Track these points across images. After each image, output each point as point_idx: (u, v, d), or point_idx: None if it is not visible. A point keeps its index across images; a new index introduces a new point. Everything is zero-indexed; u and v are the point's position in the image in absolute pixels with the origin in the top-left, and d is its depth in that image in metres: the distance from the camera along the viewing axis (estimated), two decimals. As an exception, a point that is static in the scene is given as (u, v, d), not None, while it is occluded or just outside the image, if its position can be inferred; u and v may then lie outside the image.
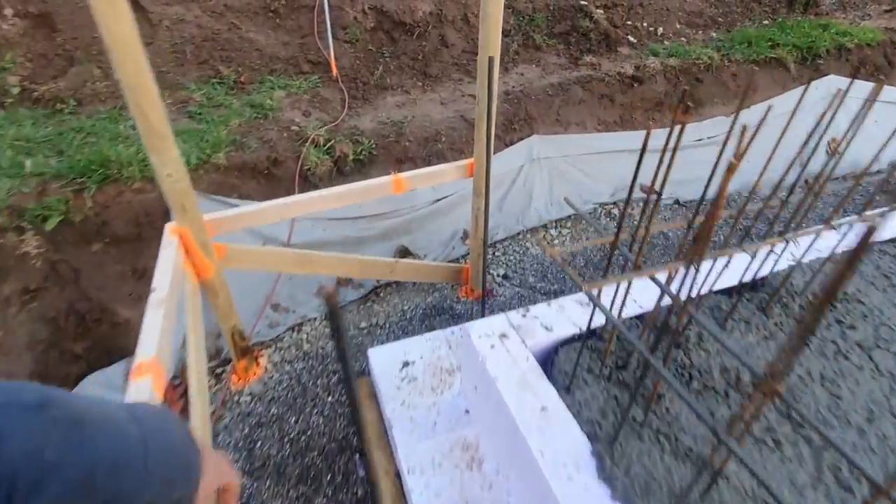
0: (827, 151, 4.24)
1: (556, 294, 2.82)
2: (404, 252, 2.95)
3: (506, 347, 1.58)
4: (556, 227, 3.36)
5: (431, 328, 2.55)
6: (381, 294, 2.79)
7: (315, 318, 2.61)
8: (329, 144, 2.98)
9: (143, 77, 1.42)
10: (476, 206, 2.41)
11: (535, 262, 3.10)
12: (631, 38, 4.40)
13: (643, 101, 3.88)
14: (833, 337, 1.64)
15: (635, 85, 3.86)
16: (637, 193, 3.22)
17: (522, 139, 3.45)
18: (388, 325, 2.56)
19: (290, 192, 2.72)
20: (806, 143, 1.15)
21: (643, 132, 3.80)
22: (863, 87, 4.39)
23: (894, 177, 1.36)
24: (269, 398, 2.20)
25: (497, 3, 1.76)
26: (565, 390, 1.47)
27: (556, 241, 3.28)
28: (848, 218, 1.56)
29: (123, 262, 2.40)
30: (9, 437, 0.35)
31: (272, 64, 3.62)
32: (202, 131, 2.70)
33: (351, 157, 2.98)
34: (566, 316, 1.69)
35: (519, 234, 3.29)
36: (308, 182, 2.83)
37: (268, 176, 2.75)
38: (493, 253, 3.16)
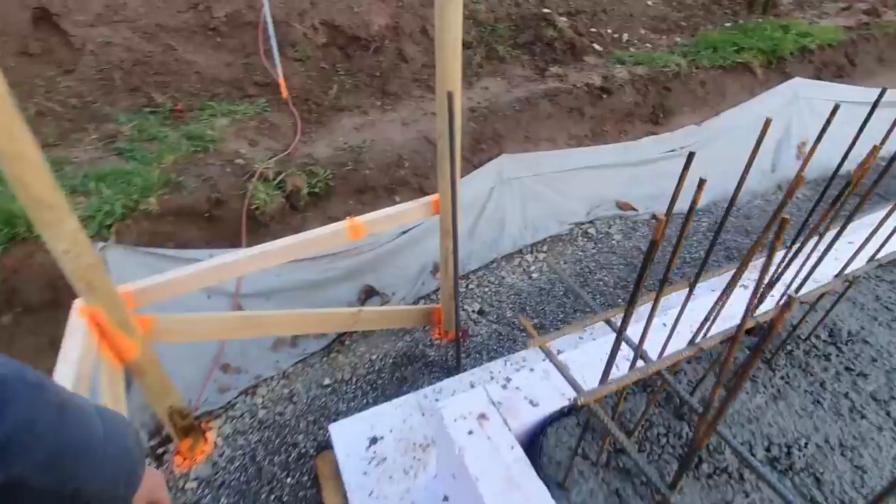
0: (797, 156, 4.20)
1: (536, 329, 2.62)
2: (370, 292, 2.70)
3: (486, 433, 1.35)
4: (531, 252, 3.17)
5: (403, 380, 2.30)
6: (346, 342, 2.53)
7: (273, 377, 2.33)
8: (280, 178, 2.70)
9: (20, 142, 1.13)
10: (444, 247, 2.18)
11: (511, 292, 2.90)
12: (596, 46, 4.27)
13: (613, 113, 3.73)
14: (845, 389, 1.49)
15: (604, 96, 3.72)
16: (613, 210, 2.99)
17: (491, 159, 3.24)
18: (354, 380, 2.30)
19: (236, 236, 2.43)
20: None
21: (615, 146, 3.65)
22: (827, 89, 4.39)
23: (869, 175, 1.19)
24: (219, 483, 1.91)
25: (454, 29, 1.54)
26: (558, 486, 1.25)
27: (532, 268, 3.08)
28: (862, 265, 1.39)
29: (39, 332, 2.06)
30: (13, 403, 0.43)
31: (213, 87, 3.30)
32: (130, 173, 2.38)
33: (305, 190, 2.70)
34: (553, 385, 1.48)
35: (493, 262, 3.08)
36: (257, 222, 2.54)
37: (210, 219, 2.45)
38: (467, 285, 2.94)
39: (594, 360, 1.58)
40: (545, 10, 4.30)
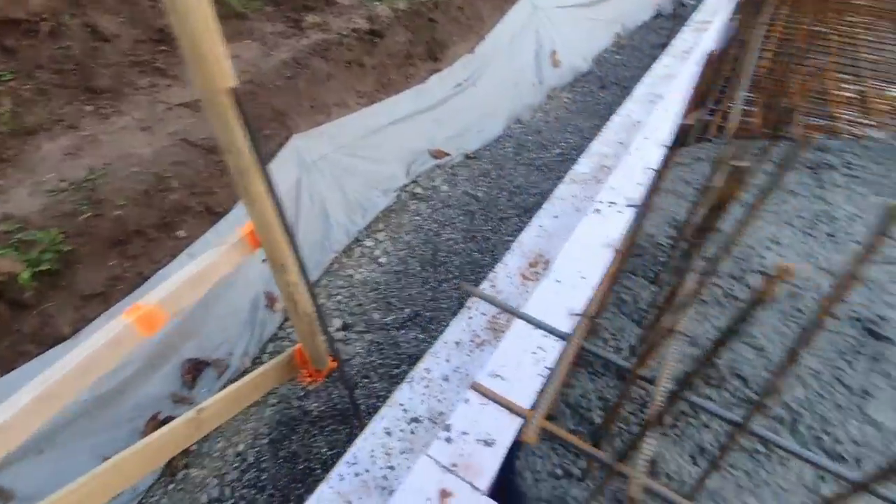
0: (552, 64, 4.57)
1: (415, 318, 2.34)
2: (197, 368, 2.01)
3: (461, 514, 1.05)
4: (370, 237, 2.79)
5: (294, 459, 1.80)
6: (191, 445, 1.85)
7: (100, 556, 1.57)
8: (-32, 269, 1.69)
9: None
10: (285, 283, 1.66)
11: (367, 289, 2.52)
12: (344, -16, 3.77)
13: (392, 58, 3.41)
14: (779, 313, 1.61)
15: (377, 41, 3.34)
16: (430, 161, 2.69)
17: (281, 145, 2.65)
18: (230, 494, 1.71)
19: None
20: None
21: (406, 93, 3.38)
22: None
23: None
24: None
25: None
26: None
27: (377, 252, 2.73)
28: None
29: None
30: None
31: None
32: None
33: (26, 273, 1.76)
34: (495, 408, 1.24)
35: (333, 263, 2.62)
36: (-42, 354, 1.57)
37: None
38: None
39: (512, 358, 1.39)
40: (270, -52, 3.56)
